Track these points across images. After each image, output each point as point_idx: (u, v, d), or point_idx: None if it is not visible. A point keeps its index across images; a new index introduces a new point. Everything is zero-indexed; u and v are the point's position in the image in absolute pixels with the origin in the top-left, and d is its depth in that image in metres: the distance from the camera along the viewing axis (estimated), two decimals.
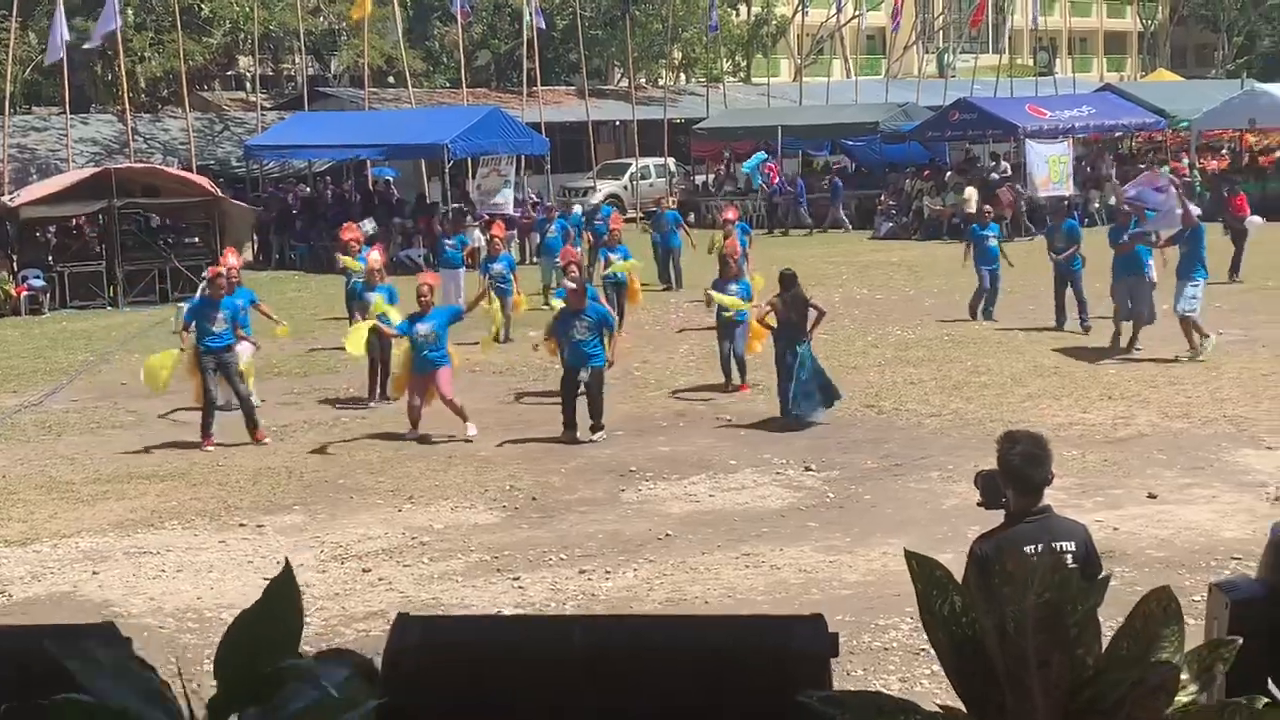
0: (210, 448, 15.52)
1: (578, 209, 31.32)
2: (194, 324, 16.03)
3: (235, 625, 2.11)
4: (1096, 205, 36.31)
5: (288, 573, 2.13)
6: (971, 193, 35.07)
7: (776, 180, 41.92)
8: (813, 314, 16.04)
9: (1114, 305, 19.51)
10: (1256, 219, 26.26)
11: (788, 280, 16.01)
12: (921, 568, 2.28)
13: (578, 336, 15.36)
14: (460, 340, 17.09)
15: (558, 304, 16.54)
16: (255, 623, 2.10)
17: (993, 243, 22.44)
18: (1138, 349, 19.05)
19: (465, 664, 2.42)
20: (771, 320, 16.12)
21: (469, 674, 2.42)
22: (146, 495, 13.73)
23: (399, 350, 16.47)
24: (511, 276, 21.61)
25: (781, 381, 15.89)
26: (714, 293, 17.73)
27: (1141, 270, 19.15)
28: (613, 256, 21.98)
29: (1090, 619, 2.24)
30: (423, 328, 15.55)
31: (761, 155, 42.25)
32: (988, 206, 26.89)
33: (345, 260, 20.18)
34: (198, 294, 18.60)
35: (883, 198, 39.18)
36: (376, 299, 17.13)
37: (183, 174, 31.65)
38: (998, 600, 2.27)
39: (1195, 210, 19.84)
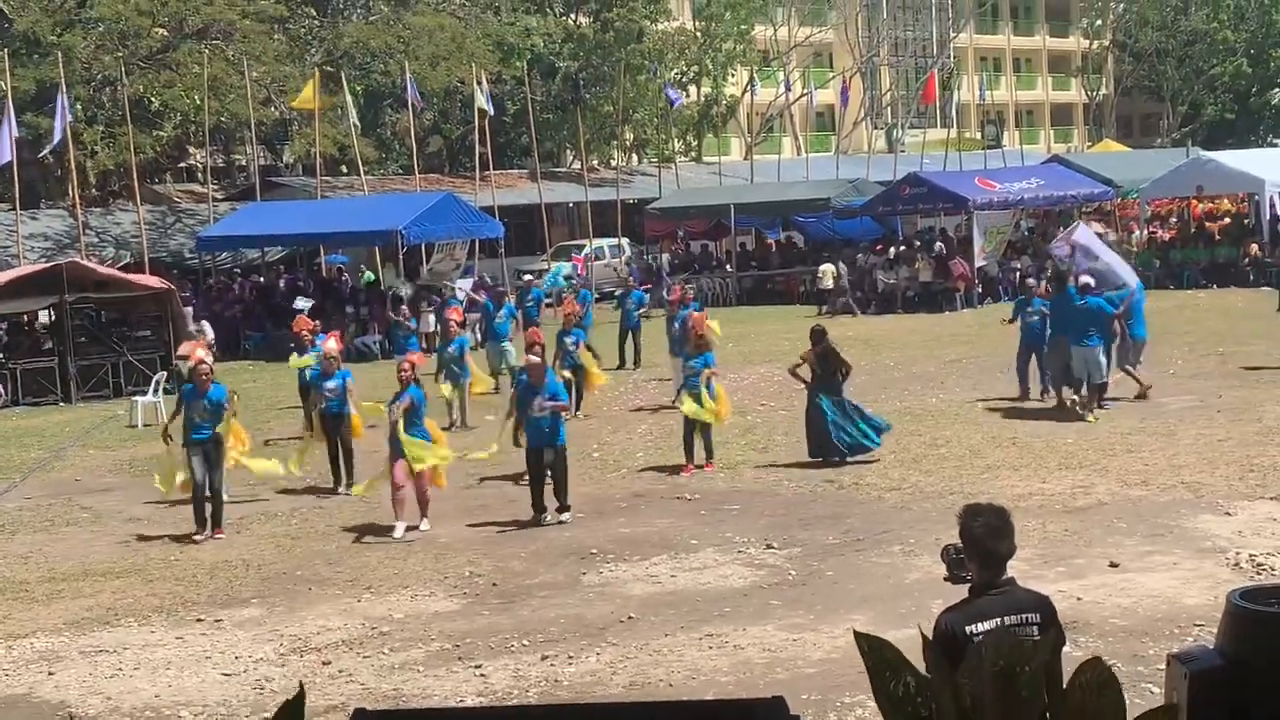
0: (199, 537, 15.36)
1: (537, 284, 31.24)
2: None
3: None
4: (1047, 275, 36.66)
5: (300, 697, 2.10)
6: (923, 265, 35.42)
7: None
8: (844, 367, 17.72)
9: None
10: None
11: (818, 336, 17.85)
12: (872, 649, 2.26)
13: (537, 414, 15.29)
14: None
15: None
16: None
17: (1035, 318, 20.99)
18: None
19: None
20: (805, 373, 17.73)
21: None
22: (102, 593, 13.56)
23: (359, 435, 16.42)
24: (467, 360, 21.59)
25: (810, 428, 17.48)
26: (690, 402, 17.59)
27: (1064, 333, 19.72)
28: (568, 340, 21.92)
29: (1037, 677, 2.22)
30: (403, 403, 15.42)
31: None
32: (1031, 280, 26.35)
33: (295, 361, 20.12)
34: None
35: (843, 272, 39.38)
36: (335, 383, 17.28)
37: (131, 277, 31.42)
38: (956, 677, 2.25)
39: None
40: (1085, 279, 20.29)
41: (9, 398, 27.96)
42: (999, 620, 5.74)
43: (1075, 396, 19.79)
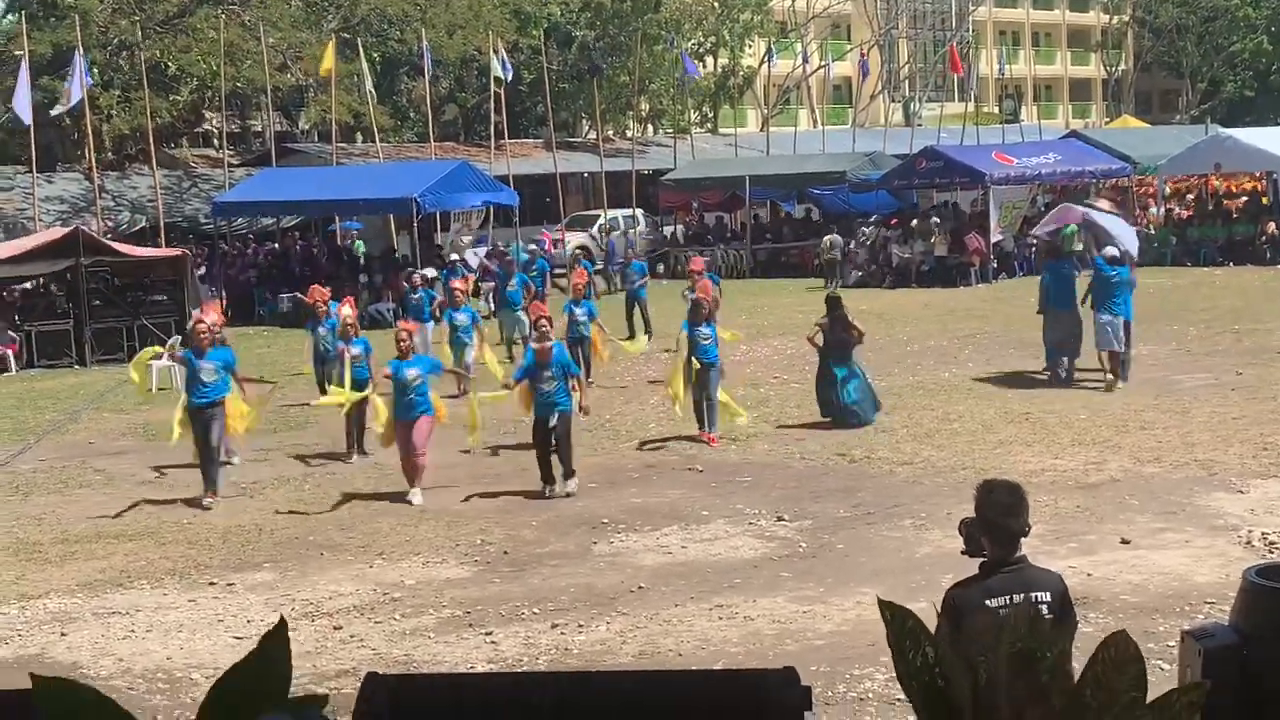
0: (209, 502, 15.39)
1: (541, 255, 31.15)
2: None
3: (227, 675, 2.08)
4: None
5: (282, 626, 2.10)
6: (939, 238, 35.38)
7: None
8: (855, 334, 18.45)
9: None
10: None
11: (833, 303, 18.79)
12: (895, 618, 2.25)
13: (543, 387, 15.31)
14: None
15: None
16: (247, 673, 2.07)
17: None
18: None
19: None
20: (819, 339, 18.47)
21: None
22: (115, 555, 13.62)
23: (374, 400, 16.46)
24: (474, 329, 21.61)
25: (821, 392, 18.39)
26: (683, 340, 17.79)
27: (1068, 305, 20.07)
28: (577, 311, 21.91)
29: (1061, 665, 2.22)
30: (410, 372, 15.47)
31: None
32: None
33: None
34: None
35: (851, 246, 39.32)
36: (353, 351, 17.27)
37: (140, 251, 31.38)
38: (970, 651, 2.25)
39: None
40: (1111, 250, 20.39)
41: (24, 360, 28.06)
42: (1008, 598, 5.74)
43: (1070, 368, 20.19)
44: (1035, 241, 22.92)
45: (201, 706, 2.09)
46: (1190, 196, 44.20)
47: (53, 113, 36.49)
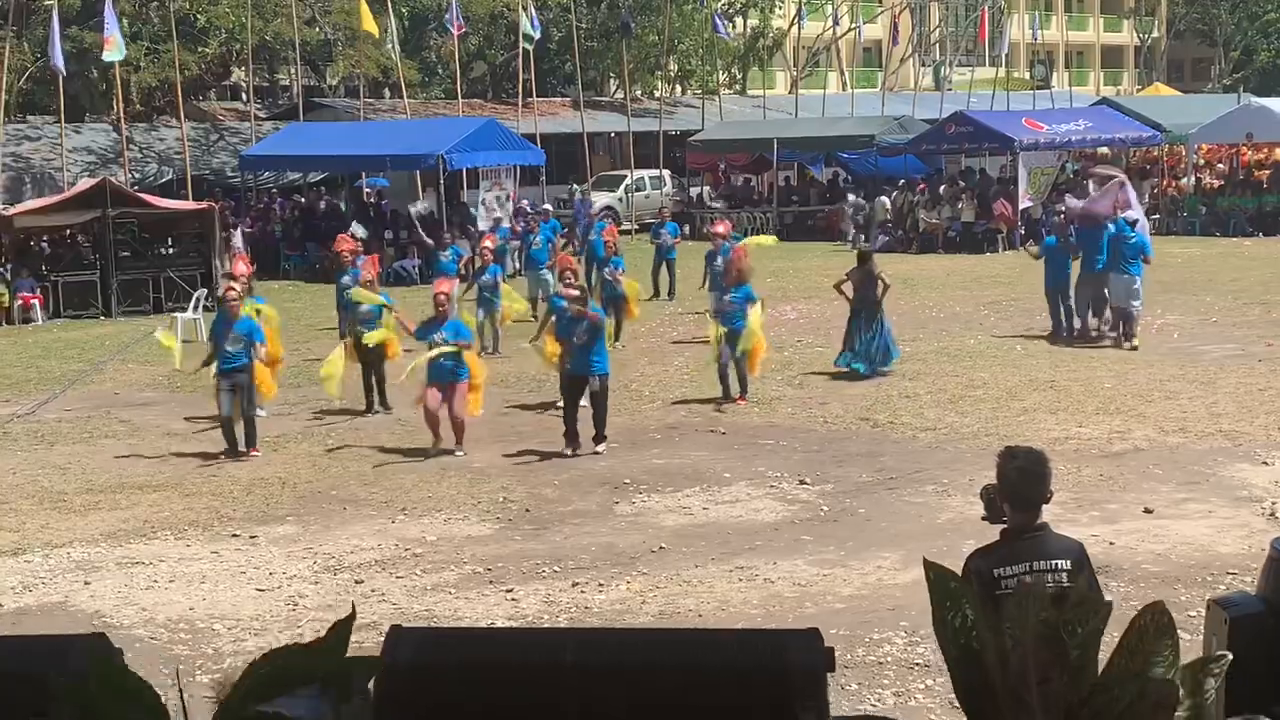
0: (256, 453, 15.53)
1: (555, 217, 30.69)
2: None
3: (281, 653, 2.09)
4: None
5: (350, 619, 2.11)
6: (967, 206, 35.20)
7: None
8: (880, 286, 19.09)
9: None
10: None
11: (862, 257, 19.62)
12: (938, 579, 2.25)
13: (579, 343, 15.26)
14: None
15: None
16: (295, 654, 2.08)
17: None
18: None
19: (459, 676, 2.39)
20: (848, 289, 19.17)
21: (463, 686, 2.39)
22: (139, 505, 13.69)
23: (393, 357, 16.47)
24: (499, 287, 21.59)
25: (848, 338, 19.13)
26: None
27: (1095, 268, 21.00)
28: (605, 271, 21.91)
29: (1092, 641, 2.21)
30: (439, 336, 15.45)
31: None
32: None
33: (359, 293, 19.27)
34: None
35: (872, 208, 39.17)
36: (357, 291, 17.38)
37: (166, 203, 31.40)
38: (998, 617, 2.25)
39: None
40: (1132, 214, 21.38)
41: (51, 310, 28.17)
42: (1027, 565, 5.72)
43: (1102, 327, 21.37)
44: (1065, 210, 23.08)
45: (243, 674, 2.10)
46: (1221, 166, 43.89)
47: (105, 58, 36.18)
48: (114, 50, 34.08)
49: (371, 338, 16.87)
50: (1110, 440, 15.03)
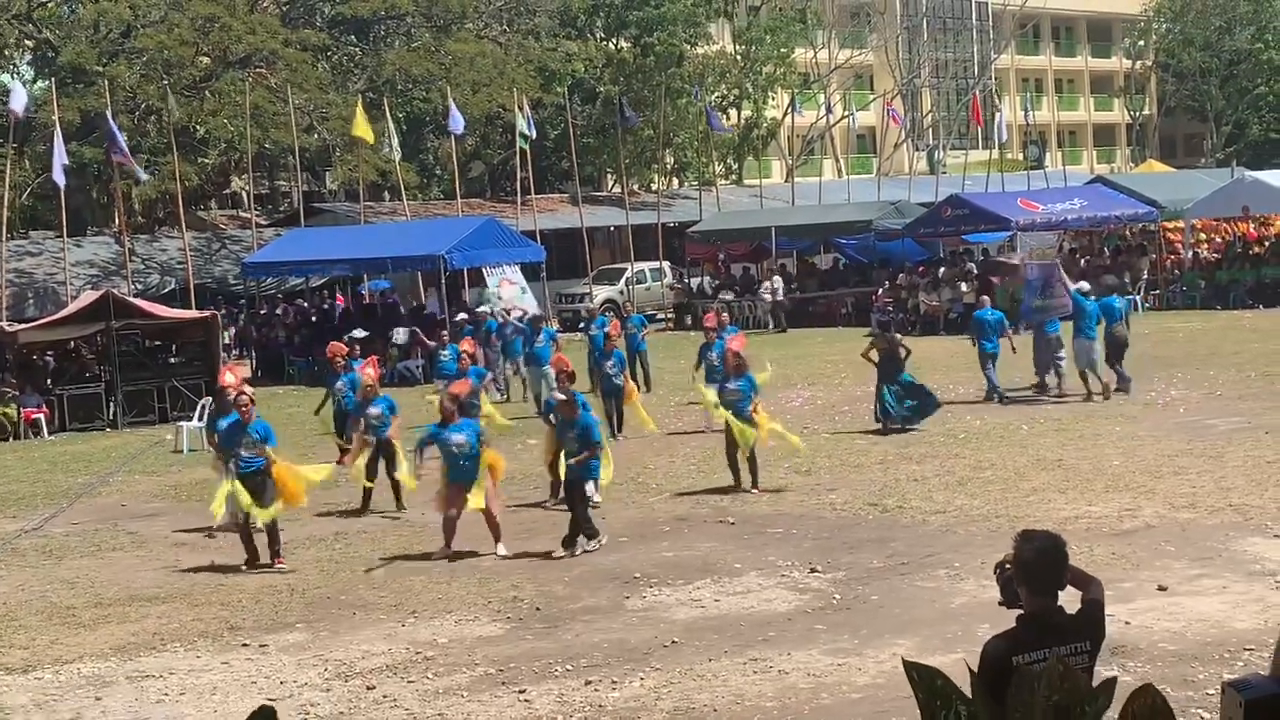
0: (280, 565, 15.29)
1: (549, 326, 30.18)
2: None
3: None
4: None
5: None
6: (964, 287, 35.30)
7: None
8: (903, 352, 21.45)
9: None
10: None
11: (885, 326, 23.44)
12: (922, 678, 2.23)
13: (572, 449, 15.31)
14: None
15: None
16: None
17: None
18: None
19: None
20: (874, 356, 21.46)
21: None
22: (148, 618, 13.62)
23: (406, 461, 16.44)
24: (482, 389, 21.50)
25: (878, 401, 21.25)
26: (707, 392, 18.24)
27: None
28: (606, 365, 22.01)
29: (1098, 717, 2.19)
30: (457, 438, 15.41)
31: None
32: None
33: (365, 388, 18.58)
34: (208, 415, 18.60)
35: (878, 295, 39.29)
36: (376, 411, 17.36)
37: (169, 312, 31.52)
38: (1007, 706, 2.23)
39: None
40: (1083, 284, 24.14)
41: (56, 425, 28.19)
42: (1048, 650, 5.64)
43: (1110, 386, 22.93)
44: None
45: None
46: (1218, 239, 44.02)
47: (142, 178, 36.57)
48: (134, 168, 34.69)
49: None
50: (1120, 518, 14.97)
